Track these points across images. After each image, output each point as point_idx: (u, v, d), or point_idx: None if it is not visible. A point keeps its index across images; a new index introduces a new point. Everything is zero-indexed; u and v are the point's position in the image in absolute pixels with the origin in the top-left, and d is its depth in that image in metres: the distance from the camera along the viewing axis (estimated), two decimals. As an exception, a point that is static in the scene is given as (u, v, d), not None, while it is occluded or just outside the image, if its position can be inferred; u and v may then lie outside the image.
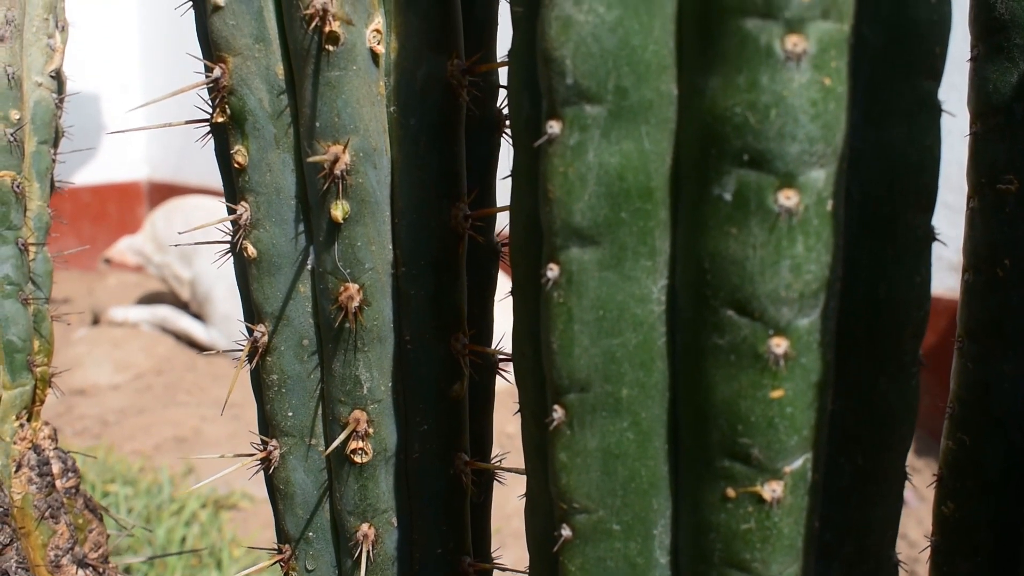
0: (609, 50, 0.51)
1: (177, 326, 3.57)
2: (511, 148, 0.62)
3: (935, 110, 0.55)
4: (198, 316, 3.61)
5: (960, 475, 0.82)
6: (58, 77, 1.01)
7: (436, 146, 0.68)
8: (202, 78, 0.68)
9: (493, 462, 0.80)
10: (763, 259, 0.50)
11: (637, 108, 0.52)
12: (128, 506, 2.63)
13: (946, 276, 2.90)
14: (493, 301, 0.76)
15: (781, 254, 0.50)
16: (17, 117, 0.94)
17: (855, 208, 0.55)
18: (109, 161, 3.98)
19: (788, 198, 0.49)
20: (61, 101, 1.02)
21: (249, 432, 0.76)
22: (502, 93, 0.73)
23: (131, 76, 4.15)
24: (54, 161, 1.01)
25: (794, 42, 0.48)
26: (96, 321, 3.78)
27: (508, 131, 0.72)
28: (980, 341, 0.80)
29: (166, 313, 3.58)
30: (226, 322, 3.45)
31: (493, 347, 0.77)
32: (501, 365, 0.77)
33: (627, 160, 0.52)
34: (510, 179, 0.62)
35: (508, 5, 0.62)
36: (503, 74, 0.73)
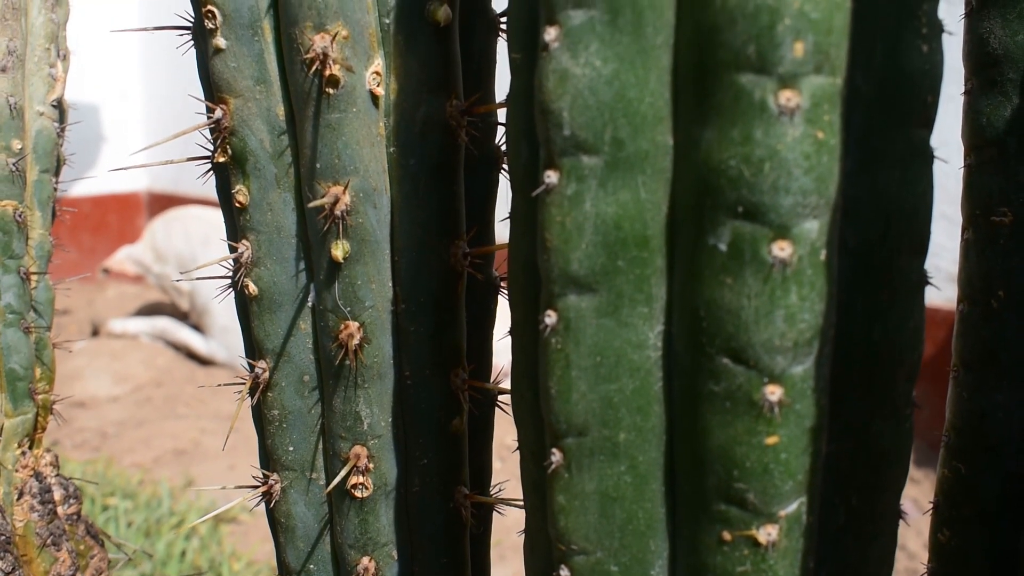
0: (606, 102, 0.52)
1: (176, 338, 3.58)
2: (509, 185, 0.63)
3: (928, 157, 0.56)
4: (197, 327, 3.62)
5: (956, 503, 0.83)
6: (60, 106, 1.01)
7: (435, 185, 0.68)
8: (203, 117, 0.68)
9: (493, 491, 0.81)
10: (758, 309, 0.51)
11: (633, 159, 0.53)
12: (128, 520, 2.63)
13: (946, 288, 2.91)
14: (492, 335, 0.77)
15: (775, 304, 0.50)
16: (19, 147, 0.95)
17: (849, 254, 0.56)
18: (109, 172, 4.00)
19: (782, 249, 0.50)
20: (63, 130, 1.03)
21: (248, 445, 0.77)
22: (500, 130, 0.74)
23: (131, 83, 4.16)
24: (55, 189, 1.02)
25: (787, 97, 0.48)
26: (95, 332, 3.78)
27: (506, 168, 0.73)
28: (975, 371, 0.80)
29: (165, 325, 3.59)
30: (225, 334, 3.46)
31: (492, 380, 0.78)
32: (500, 398, 0.78)
33: (624, 210, 0.53)
34: (508, 219, 0.63)
35: (506, 48, 0.63)
36: (502, 112, 0.74)
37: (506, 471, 0.73)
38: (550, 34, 0.52)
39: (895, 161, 0.55)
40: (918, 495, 2.34)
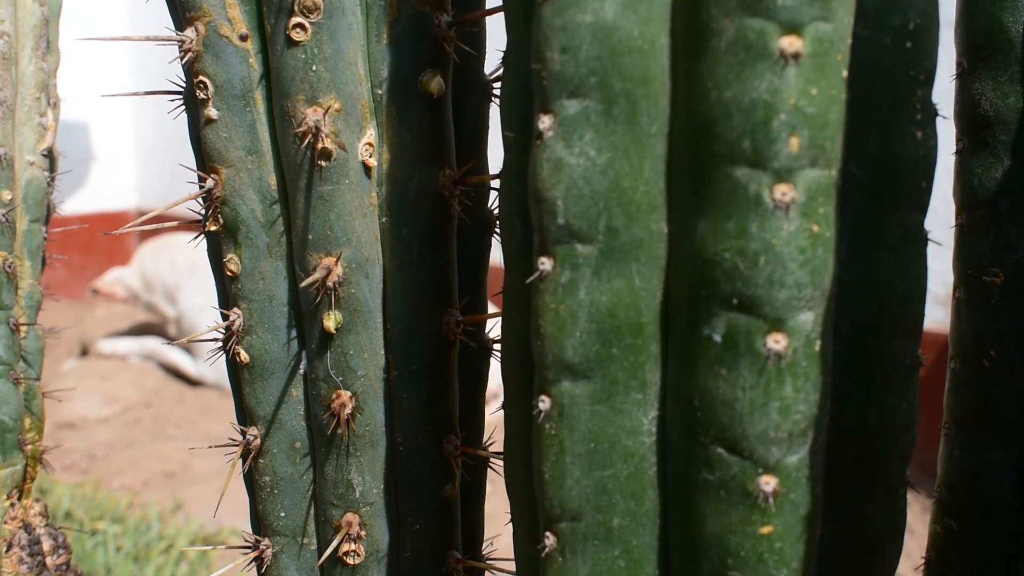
0: (600, 192, 0.52)
1: (166, 358, 3.57)
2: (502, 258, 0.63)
3: (921, 242, 0.56)
4: (187, 349, 3.61)
5: (948, 560, 0.83)
6: (50, 155, 1.01)
7: (428, 254, 0.68)
8: (195, 188, 0.68)
9: (485, 549, 0.80)
10: (752, 400, 0.50)
11: (628, 247, 0.52)
12: (116, 544, 2.62)
13: (932, 308, 2.91)
14: (484, 399, 0.77)
15: (770, 396, 0.50)
16: (9, 197, 0.95)
17: (843, 340, 0.56)
18: (98, 190, 3.98)
19: (777, 342, 0.50)
20: (53, 179, 1.02)
21: (238, 468, 0.76)
22: (493, 195, 0.74)
23: (121, 107, 4.15)
24: (45, 239, 1.02)
25: (783, 191, 0.48)
26: (85, 352, 3.77)
27: (498, 233, 0.73)
28: (967, 429, 0.80)
29: (155, 345, 3.58)
30: (211, 353, 3.45)
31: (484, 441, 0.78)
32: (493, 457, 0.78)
33: (618, 298, 0.53)
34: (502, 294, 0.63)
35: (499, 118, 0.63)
36: (494, 168, 0.73)
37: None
38: (544, 122, 0.52)
39: (889, 247, 0.55)
40: (911, 546, 2.34)
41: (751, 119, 0.48)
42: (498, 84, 0.73)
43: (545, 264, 0.53)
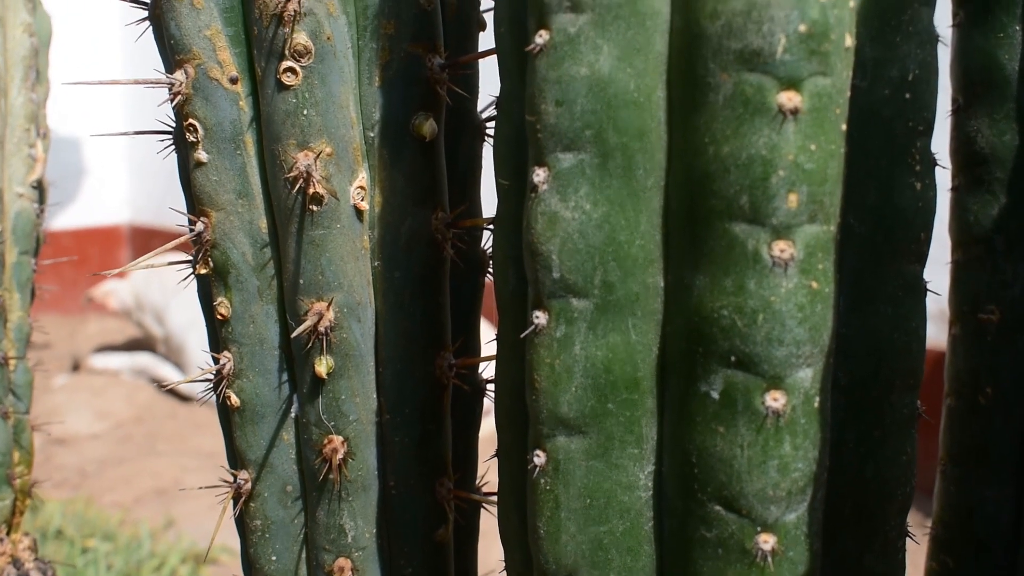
0: (596, 246, 0.51)
1: (158, 374, 3.56)
2: (496, 306, 0.62)
3: (920, 293, 0.56)
4: (178, 364, 3.60)
5: (945, 598, 0.82)
6: (40, 186, 1.00)
7: (421, 298, 0.67)
8: (185, 231, 0.67)
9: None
10: (751, 459, 0.50)
11: (624, 301, 0.52)
12: (108, 562, 2.60)
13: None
14: (477, 441, 0.76)
15: (769, 454, 0.50)
16: (-2, 230, 0.94)
17: (841, 392, 0.55)
18: (90, 205, 3.97)
19: (776, 399, 0.49)
20: (42, 210, 1.01)
21: (231, 486, 0.75)
22: (486, 234, 0.73)
23: (114, 116, 4.13)
24: (35, 271, 1.01)
25: (781, 248, 0.48)
26: (76, 367, 3.75)
27: (491, 272, 0.72)
28: (963, 465, 0.80)
29: (147, 361, 3.56)
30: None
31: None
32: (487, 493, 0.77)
33: (614, 352, 0.52)
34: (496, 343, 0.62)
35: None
36: (488, 206, 0.73)
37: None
38: (539, 175, 0.51)
39: (887, 299, 0.54)
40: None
41: (749, 175, 0.47)
42: (491, 123, 0.72)
43: (540, 318, 0.52)
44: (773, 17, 0.46)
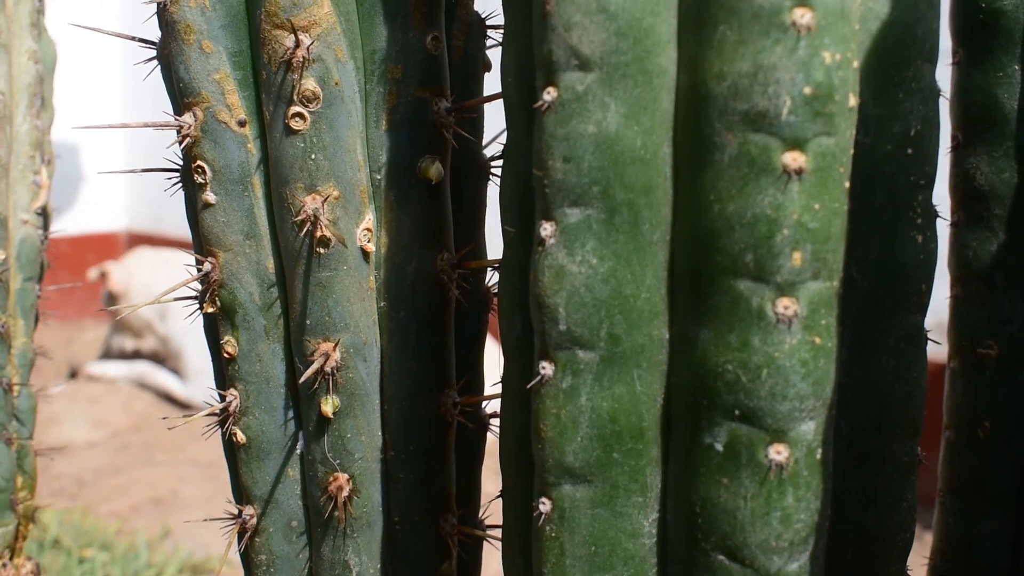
0: (602, 299, 0.52)
1: (155, 381, 3.56)
2: (500, 356, 0.62)
3: (921, 343, 0.56)
4: (176, 371, 3.60)
5: (943, 630, 0.82)
6: (44, 213, 1.01)
7: (426, 337, 0.68)
8: (194, 269, 0.68)
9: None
10: (754, 510, 0.50)
11: (629, 353, 0.52)
12: (105, 572, 2.61)
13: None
14: (480, 476, 0.77)
15: (772, 506, 0.50)
16: (3, 257, 0.94)
17: (843, 442, 0.56)
18: (88, 211, 3.98)
19: (779, 452, 0.50)
20: (46, 236, 1.02)
21: (227, 494, 0.76)
22: (491, 271, 0.73)
23: (113, 129, 4.14)
24: (39, 297, 1.01)
25: (785, 305, 0.48)
26: (73, 375, 3.75)
27: (495, 308, 0.72)
28: (962, 499, 0.80)
29: (144, 368, 3.56)
30: (201, 376, 3.44)
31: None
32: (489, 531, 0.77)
33: (619, 403, 0.53)
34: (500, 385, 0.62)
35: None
36: (492, 246, 0.73)
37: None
38: (546, 229, 0.52)
39: (889, 351, 0.55)
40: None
41: (754, 233, 0.48)
42: (496, 163, 0.73)
43: (546, 368, 0.53)
44: (779, 80, 0.47)
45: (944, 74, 0.68)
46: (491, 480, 0.68)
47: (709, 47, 0.48)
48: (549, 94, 0.51)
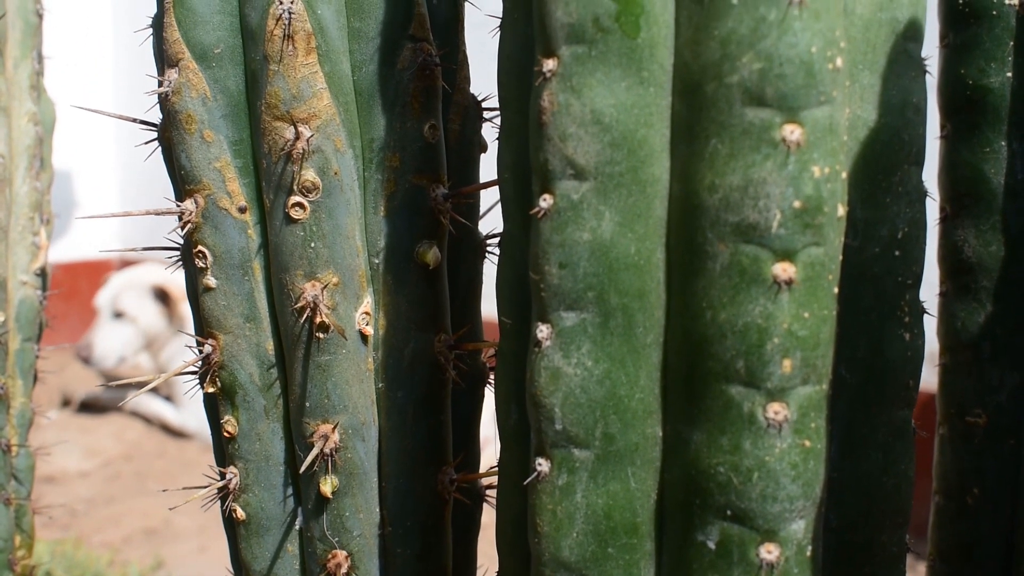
0: (597, 400, 0.53)
1: (149, 409, 3.55)
2: (497, 437, 0.63)
3: (908, 436, 0.57)
4: (169, 398, 3.60)
5: None
6: (43, 273, 1.02)
7: (423, 417, 0.69)
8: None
9: None
10: (746, 608, 0.51)
11: (623, 452, 0.54)
12: (98, 605, 2.60)
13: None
14: (476, 549, 0.78)
15: (763, 603, 0.51)
16: (2, 319, 0.95)
17: (833, 534, 0.57)
18: (80, 238, 3.98)
19: (769, 552, 0.51)
20: (45, 297, 1.03)
21: (220, 525, 0.76)
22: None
23: (105, 149, 4.15)
24: (37, 356, 1.02)
25: (776, 410, 0.49)
26: (66, 403, 3.75)
27: (491, 382, 0.74)
28: (951, 563, 0.81)
29: (137, 397, 3.56)
30: (194, 403, 3.44)
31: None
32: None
33: (614, 500, 0.54)
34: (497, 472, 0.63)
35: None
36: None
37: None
38: (543, 331, 0.53)
39: (878, 445, 0.56)
40: None
41: (745, 341, 0.49)
42: (491, 240, 0.74)
43: (543, 466, 0.54)
44: (769, 194, 0.48)
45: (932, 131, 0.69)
46: (486, 552, 0.69)
47: (701, 159, 0.49)
48: (545, 201, 0.52)
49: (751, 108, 0.48)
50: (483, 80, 0.74)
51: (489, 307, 0.67)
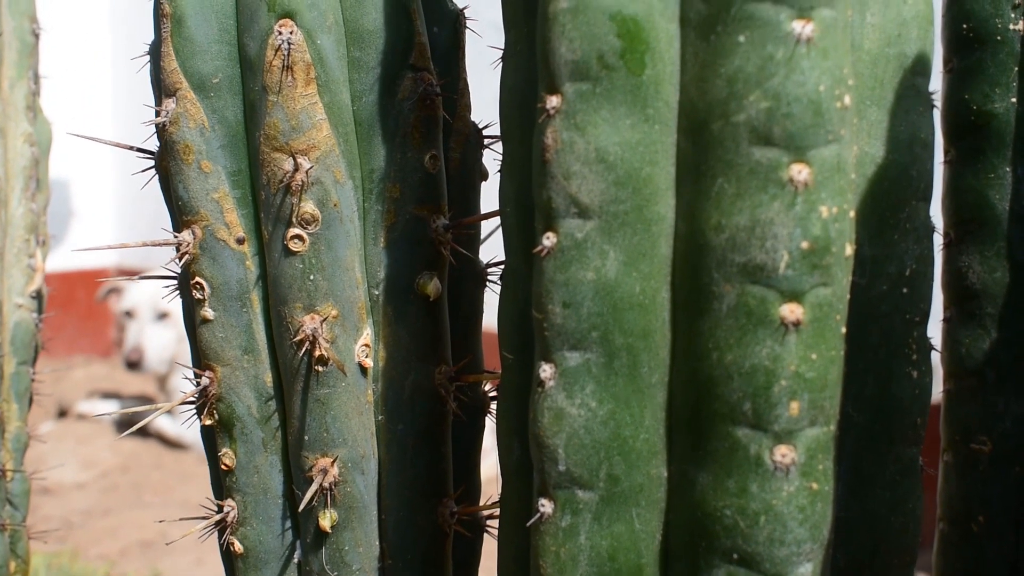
0: (601, 441, 0.52)
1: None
2: (499, 471, 0.63)
3: (916, 474, 0.57)
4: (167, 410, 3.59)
5: None
6: (38, 295, 1.01)
7: (424, 449, 0.68)
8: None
9: None
10: (754, 653, 0.50)
11: (628, 493, 0.53)
12: (94, 618, 2.59)
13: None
14: (477, 573, 0.77)
15: (771, 650, 0.50)
16: (-3, 343, 0.94)
17: (840, 574, 0.56)
18: (78, 247, 3.97)
19: (777, 596, 0.50)
20: (41, 320, 1.02)
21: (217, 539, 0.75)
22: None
23: (102, 163, 4.14)
24: (33, 379, 1.01)
25: (783, 453, 0.49)
26: (62, 414, 3.74)
27: (492, 412, 0.73)
28: (956, 591, 0.80)
29: (132, 406, 3.55)
30: (191, 413, 3.42)
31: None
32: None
33: (618, 542, 0.53)
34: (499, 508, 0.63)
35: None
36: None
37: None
38: (546, 371, 0.52)
39: (886, 484, 0.56)
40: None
41: (752, 383, 0.48)
42: (492, 268, 0.73)
43: (546, 507, 0.53)
44: (776, 235, 0.47)
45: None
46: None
47: (707, 198, 0.49)
48: (548, 240, 0.51)
49: (758, 147, 0.47)
50: (483, 105, 0.73)
51: (489, 324, 0.66)
